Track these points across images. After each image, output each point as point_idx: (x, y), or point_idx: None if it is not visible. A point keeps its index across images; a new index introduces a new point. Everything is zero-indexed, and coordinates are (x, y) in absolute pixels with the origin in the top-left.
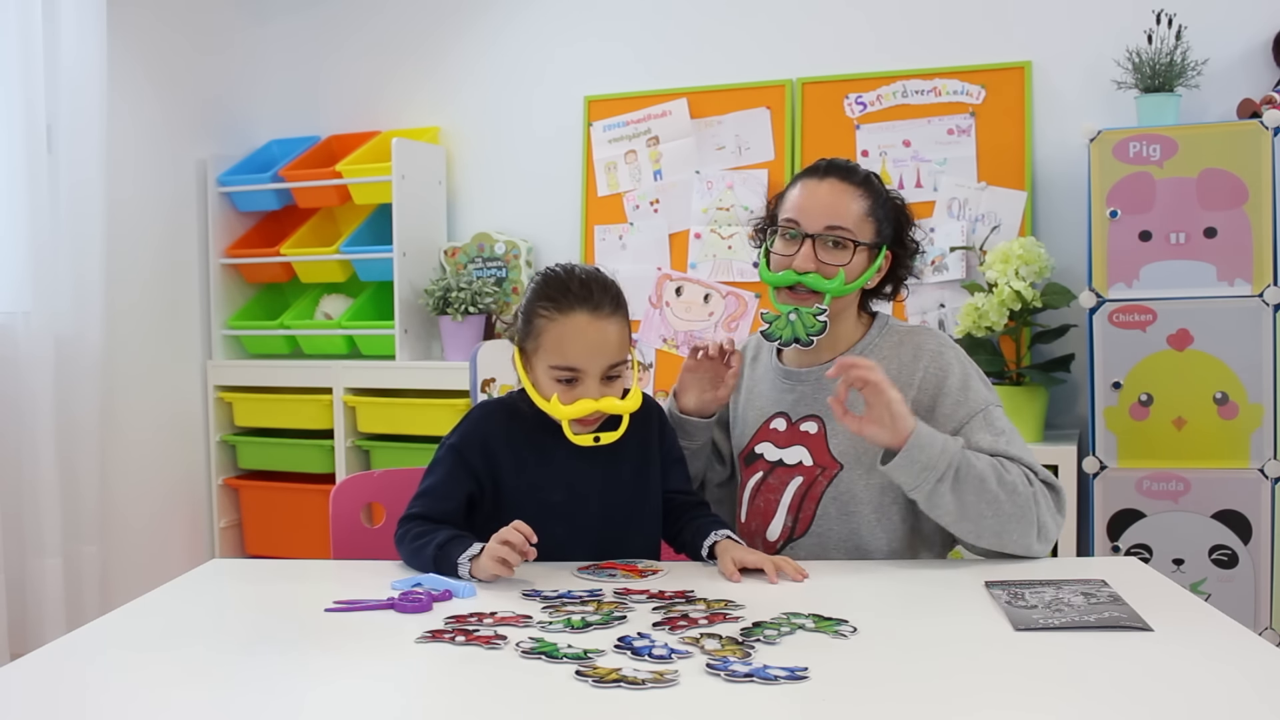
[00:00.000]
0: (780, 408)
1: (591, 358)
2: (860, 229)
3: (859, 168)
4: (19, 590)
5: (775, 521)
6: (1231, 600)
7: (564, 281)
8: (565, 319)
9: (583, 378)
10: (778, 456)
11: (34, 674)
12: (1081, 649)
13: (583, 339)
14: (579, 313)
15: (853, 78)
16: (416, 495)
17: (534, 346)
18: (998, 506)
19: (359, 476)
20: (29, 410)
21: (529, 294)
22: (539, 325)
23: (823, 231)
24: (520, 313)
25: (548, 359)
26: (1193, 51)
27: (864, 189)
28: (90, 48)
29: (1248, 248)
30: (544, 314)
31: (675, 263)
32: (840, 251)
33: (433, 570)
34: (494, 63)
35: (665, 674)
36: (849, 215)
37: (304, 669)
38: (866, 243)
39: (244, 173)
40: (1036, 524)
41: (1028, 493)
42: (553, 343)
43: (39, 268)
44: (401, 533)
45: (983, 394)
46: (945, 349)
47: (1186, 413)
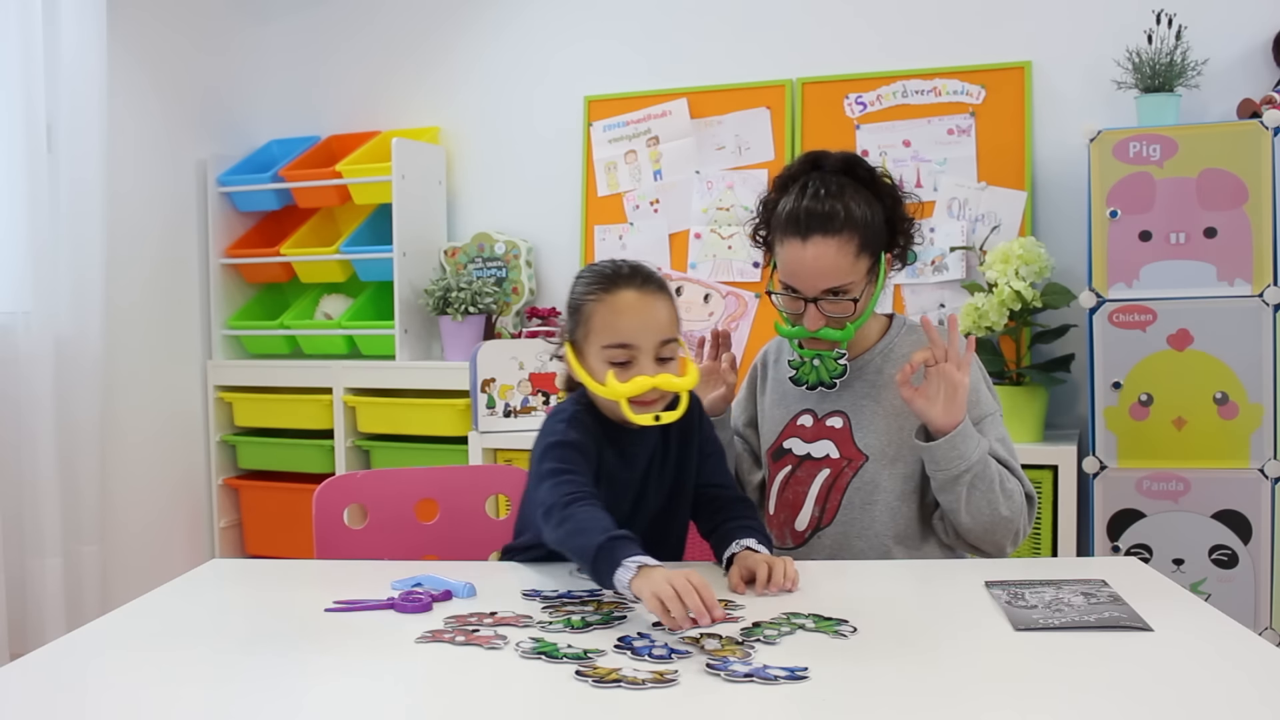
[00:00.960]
0: (806, 404)
1: (643, 332)
2: (855, 273)
3: (835, 204)
4: (19, 590)
5: (803, 513)
6: (1231, 600)
7: (608, 266)
8: (613, 297)
9: (636, 356)
10: (805, 451)
11: (34, 674)
12: (1081, 649)
13: (633, 314)
14: (626, 290)
15: (853, 78)
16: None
17: (585, 333)
18: (995, 511)
19: (342, 478)
20: (29, 410)
21: (575, 287)
22: (588, 310)
23: (822, 295)
24: (568, 308)
25: (600, 339)
26: (1193, 51)
27: (847, 232)
28: (90, 48)
29: (1248, 248)
30: (592, 298)
31: (675, 263)
32: (843, 303)
33: (590, 564)
34: (494, 63)
35: (665, 674)
36: (840, 271)
37: (304, 669)
38: (863, 279)
39: (244, 173)
40: (1016, 532)
41: (1020, 504)
42: (603, 323)
43: (39, 268)
44: (560, 519)
45: (989, 401)
46: None
47: (1186, 413)
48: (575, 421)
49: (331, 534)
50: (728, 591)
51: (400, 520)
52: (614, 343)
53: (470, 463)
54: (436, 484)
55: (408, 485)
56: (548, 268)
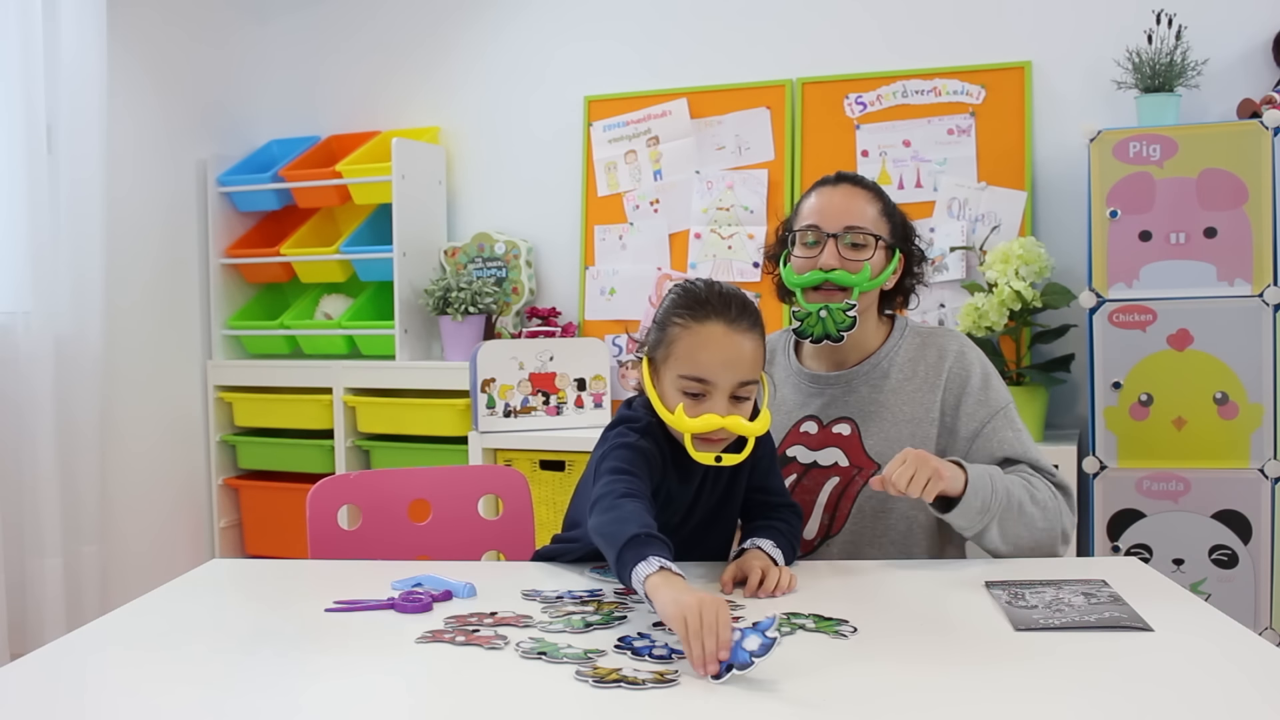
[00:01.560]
0: (809, 411)
1: (723, 370)
2: (877, 227)
3: (863, 178)
4: (19, 590)
5: (812, 521)
6: (1231, 600)
7: (703, 293)
8: (701, 328)
9: (711, 392)
10: (811, 459)
11: (34, 674)
12: (1081, 649)
13: (717, 349)
14: (715, 323)
15: (853, 78)
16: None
17: (665, 355)
18: (1033, 526)
19: (336, 479)
20: (29, 410)
21: (666, 303)
22: (673, 333)
23: (842, 231)
24: (655, 322)
25: (678, 368)
26: (1193, 51)
27: (875, 194)
28: (90, 48)
29: (1248, 248)
30: (679, 322)
31: (675, 263)
32: (861, 250)
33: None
34: (494, 63)
35: (665, 674)
36: (865, 215)
37: (304, 669)
38: (885, 240)
39: (244, 173)
40: (1062, 532)
41: (1055, 506)
42: (685, 351)
43: (39, 268)
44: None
45: (1002, 393)
46: (967, 349)
47: (1186, 413)
48: (648, 433)
49: (326, 535)
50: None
51: (393, 521)
52: (692, 375)
53: (470, 463)
54: (429, 485)
55: (401, 486)
56: (548, 268)
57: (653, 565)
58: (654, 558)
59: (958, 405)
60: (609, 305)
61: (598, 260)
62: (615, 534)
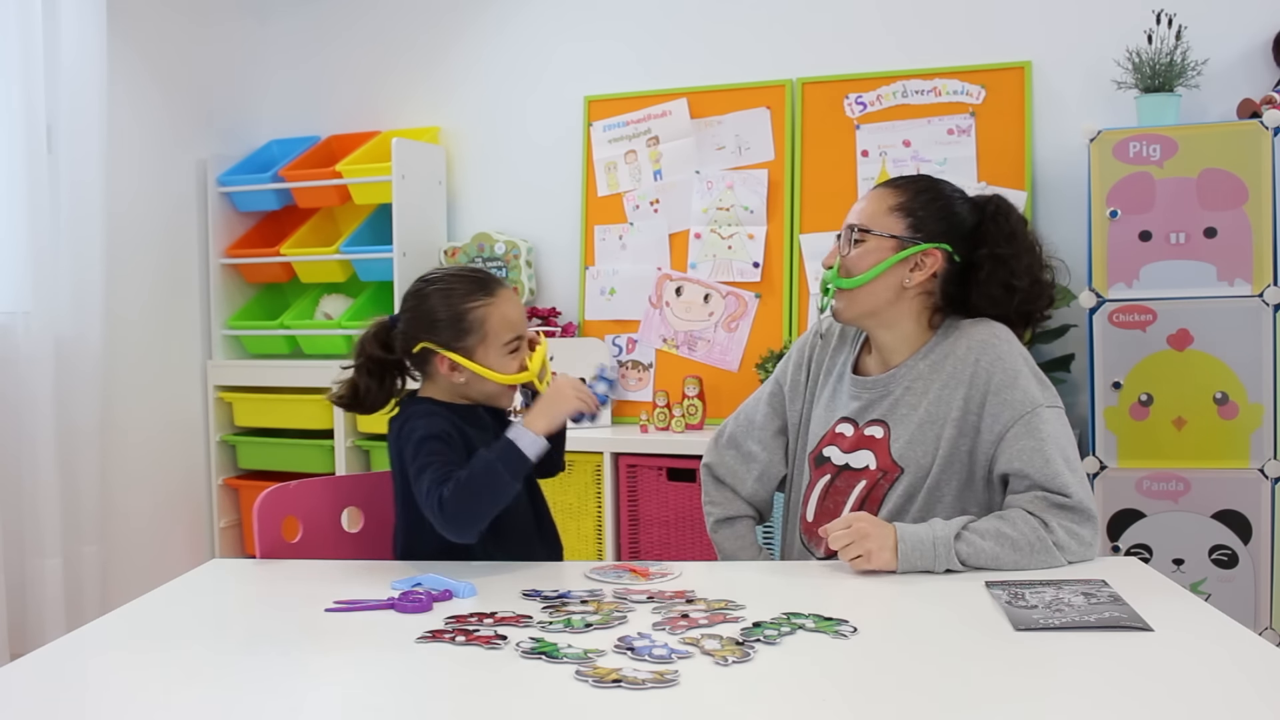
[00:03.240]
0: (847, 413)
1: (523, 320)
2: (876, 221)
3: (923, 175)
4: (19, 590)
5: None
6: (1231, 600)
7: (472, 275)
8: (498, 299)
9: (522, 342)
10: (844, 461)
11: (34, 674)
12: (1081, 649)
13: (514, 307)
14: (501, 290)
15: (853, 78)
16: (440, 469)
17: (479, 339)
18: (1013, 564)
19: (279, 489)
20: (29, 411)
21: (444, 299)
22: (478, 317)
23: (844, 229)
24: (433, 323)
25: (502, 337)
26: (1193, 51)
27: (903, 188)
28: (90, 48)
29: (1248, 248)
30: (478, 305)
31: (675, 263)
32: (852, 245)
33: (498, 462)
34: (494, 63)
35: (665, 674)
36: (868, 211)
37: (304, 669)
38: (880, 234)
39: (244, 173)
40: (1064, 559)
41: (1045, 542)
42: (500, 322)
43: (39, 268)
44: (445, 489)
45: (1032, 394)
46: (1000, 344)
47: (1186, 413)
48: (431, 416)
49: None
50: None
51: (330, 530)
52: (515, 335)
53: None
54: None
55: (333, 495)
56: (548, 268)
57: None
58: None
59: (983, 404)
60: (609, 305)
61: (598, 260)
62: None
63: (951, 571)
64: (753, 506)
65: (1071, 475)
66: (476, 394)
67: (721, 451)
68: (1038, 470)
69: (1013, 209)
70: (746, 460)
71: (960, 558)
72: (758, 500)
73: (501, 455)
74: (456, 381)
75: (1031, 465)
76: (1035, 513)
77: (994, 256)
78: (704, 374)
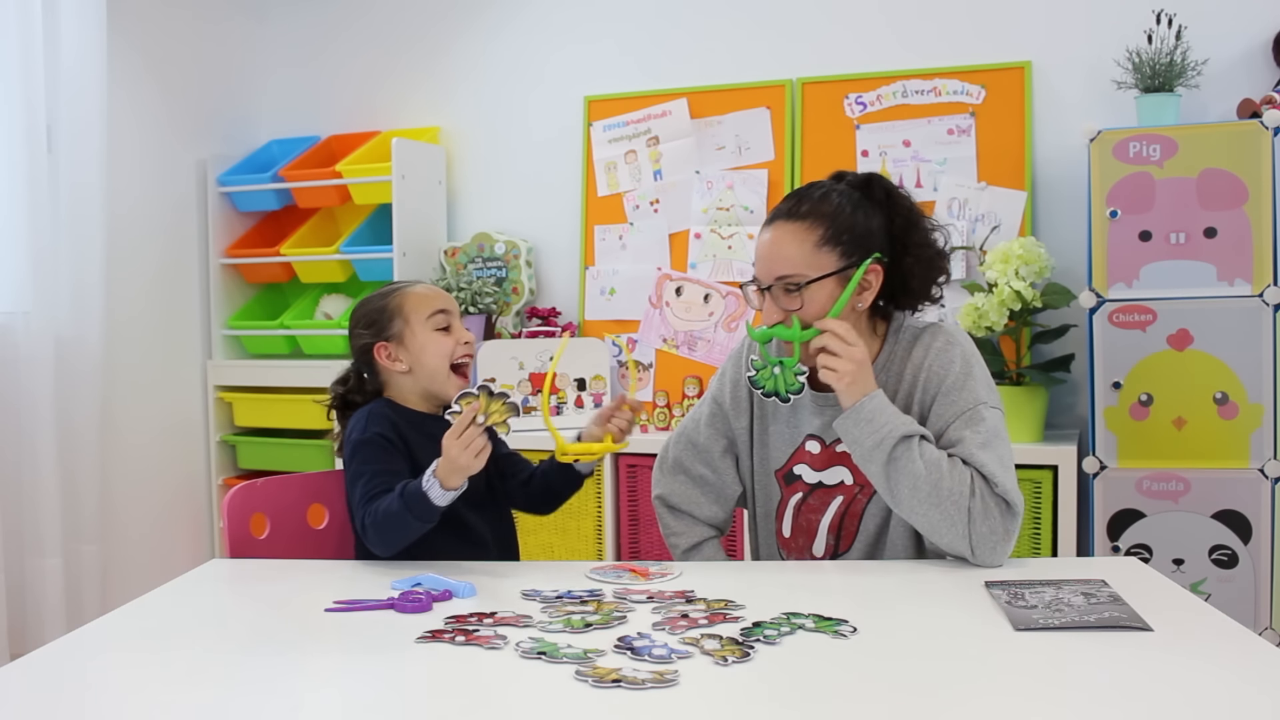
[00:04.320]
0: (811, 430)
1: (449, 300)
2: (811, 264)
3: (813, 193)
4: (19, 590)
5: (819, 540)
6: (1231, 600)
7: (387, 282)
8: (411, 287)
9: (451, 319)
10: (816, 479)
11: (34, 674)
12: (1081, 649)
13: (435, 291)
14: (416, 282)
15: (853, 78)
16: (370, 481)
17: (401, 325)
18: (925, 505)
19: (246, 486)
20: (29, 411)
21: (365, 310)
22: (394, 305)
23: (773, 282)
24: (364, 324)
25: (423, 313)
26: (1193, 51)
27: (812, 219)
28: (90, 48)
29: (1248, 248)
30: (393, 295)
31: (675, 263)
32: (792, 297)
33: (407, 511)
34: (494, 63)
35: (665, 674)
36: (794, 259)
37: (304, 669)
38: (822, 275)
39: (244, 173)
40: (968, 536)
41: (962, 501)
42: (417, 301)
43: (39, 268)
44: (363, 519)
45: (976, 392)
46: (951, 346)
47: (1186, 413)
48: (371, 418)
49: (242, 544)
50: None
51: (296, 527)
52: (436, 309)
53: None
54: (327, 489)
55: (299, 492)
56: (548, 268)
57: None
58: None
59: (932, 404)
60: (609, 305)
61: (598, 260)
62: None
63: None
64: (713, 527)
65: (1001, 468)
66: (425, 380)
67: (670, 479)
68: (969, 456)
69: (894, 189)
70: (698, 484)
71: (892, 456)
72: (718, 520)
73: (410, 504)
74: (400, 371)
75: (965, 453)
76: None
77: (915, 258)
78: (704, 374)
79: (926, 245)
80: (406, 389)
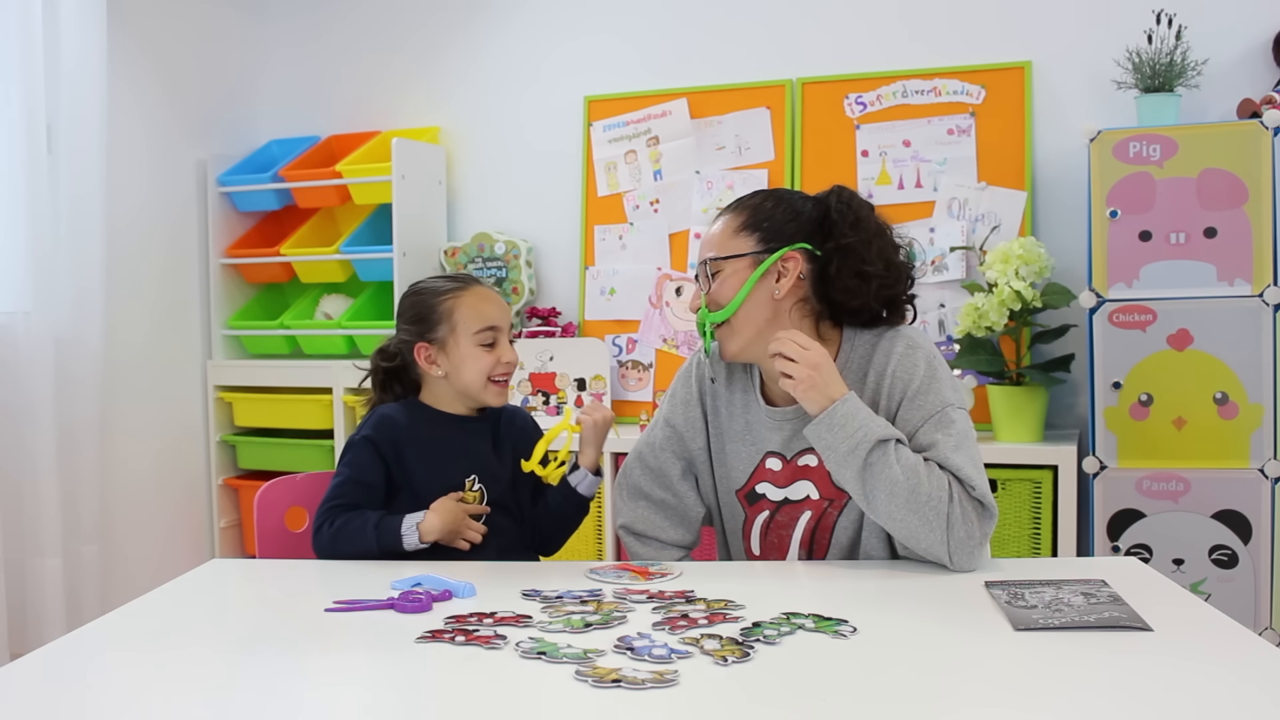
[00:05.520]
0: (771, 447)
1: (501, 314)
2: (727, 247)
3: (760, 190)
4: (19, 590)
5: (790, 556)
6: (1231, 600)
7: (451, 275)
8: (469, 292)
9: (499, 336)
10: (781, 495)
11: (34, 674)
12: (1081, 649)
13: (490, 301)
14: (475, 286)
15: (853, 78)
16: (340, 485)
17: (447, 332)
18: (903, 510)
19: (282, 480)
20: (29, 411)
21: (417, 299)
22: (445, 309)
23: (699, 268)
24: (411, 319)
25: (471, 327)
26: (1193, 51)
27: (740, 209)
28: (90, 48)
29: (1248, 248)
30: (448, 297)
31: (675, 263)
32: (708, 281)
33: (376, 543)
34: (494, 63)
35: (665, 674)
36: (714, 243)
37: (304, 669)
38: (731, 255)
39: (244, 173)
40: (947, 541)
41: (941, 507)
42: (469, 313)
43: (39, 268)
44: (325, 522)
45: (943, 394)
46: (913, 350)
47: (1186, 413)
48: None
49: (273, 537)
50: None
51: None
52: (484, 325)
53: None
54: None
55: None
56: (548, 268)
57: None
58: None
59: (899, 409)
60: (609, 305)
61: (598, 260)
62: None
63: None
64: (681, 548)
65: (976, 471)
66: (460, 389)
67: (631, 507)
68: (943, 460)
69: (855, 195)
70: (659, 509)
71: (868, 462)
72: (685, 542)
73: (382, 536)
74: (437, 376)
75: (938, 455)
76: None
77: (841, 248)
78: None
79: (860, 242)
80: (440, 390)
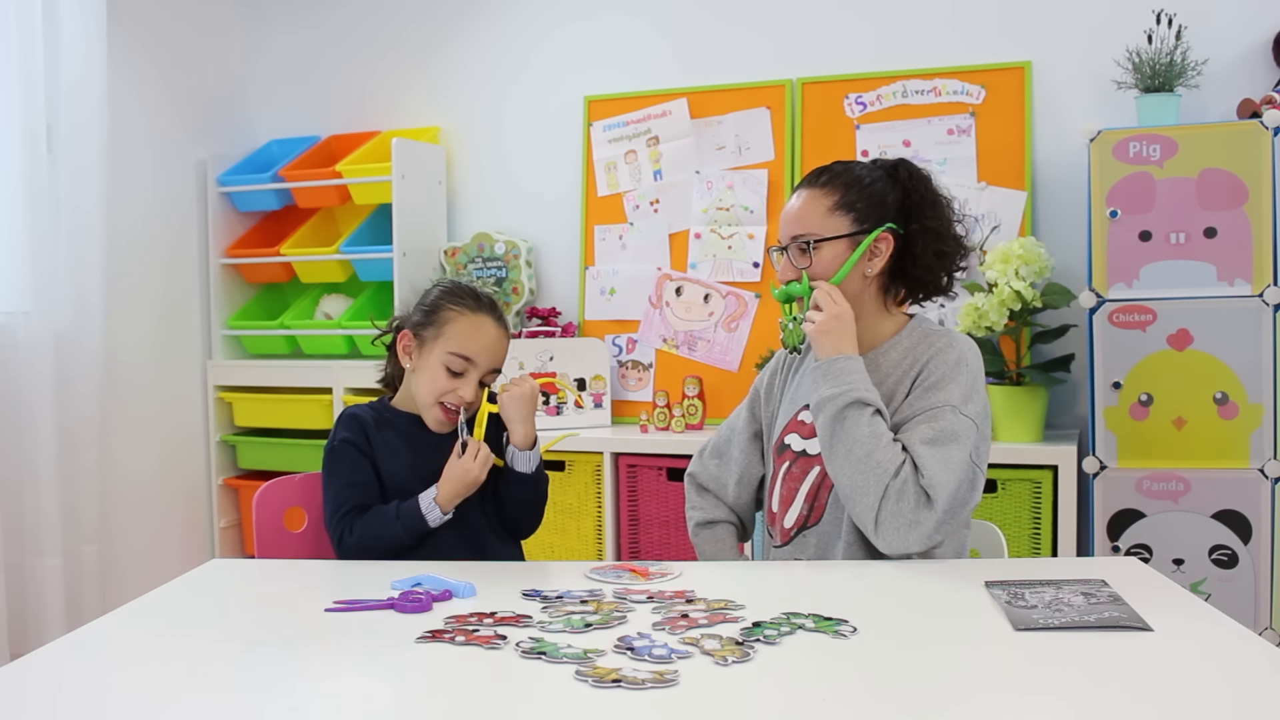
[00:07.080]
0: (809, 399)
1: (484, 353)
2: (825, 226)
3: (837, 165)
4: (19, 590)
5: (793, 509)
6: (1231, 600)
7: (476, 291)
8: (474, 316)
9: (469, 371)
10: (802, 447)
11: (34, 674)
12: (1081, 649)
13: (485, 336)
14: (485, 316)
15: (853, 78)
16: (339, 494)
17: (435, 334)
18: (851, 467)
19: (280, 481)
20: (29, 410)
21: (438, 292)
22: (446, 315)
23: (789, 242)
24: (425, 305)
25: (449, 345)
26: (1193, 51)
27: (830, 186)
28: (90, 48)
29: (1248, 248)
30: (455, 308)
31: (675, 263)
32: (805, 256)
33: (403, 531)
34: (494, 63)
35: (665, 674)
36: (810, 219)
37: (304, 669)
38: (833, 236)
39: (244, 173)
40: (876, 510)
41: (885, 477)
42: (458, 332)
43: (39, 268)
44: (344, 530)
45: (950, 396)
46: (950, 349)
47: (1186, 413)
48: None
49: (272, 537)
50: (726, 591)
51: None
52: (461, 352)
53: None
54: None
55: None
56: (548, 268)
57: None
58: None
59: (909, 395)
60: (609, 305)
61: (598, 260)
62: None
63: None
64: (735, 514)
65: (939, 466)
66: (414, 393)
67: (705, 461)
68: (911, 446)
69: (918, 170)
70: (727, 465)
71: (842, 414)
72: (740, 506)
73: (406, 521)
74: (407, 367)
75: (908, 439)
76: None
77: (925, 229)
78: (704, 374)
79: (939, 223)
80: (406, 389)
